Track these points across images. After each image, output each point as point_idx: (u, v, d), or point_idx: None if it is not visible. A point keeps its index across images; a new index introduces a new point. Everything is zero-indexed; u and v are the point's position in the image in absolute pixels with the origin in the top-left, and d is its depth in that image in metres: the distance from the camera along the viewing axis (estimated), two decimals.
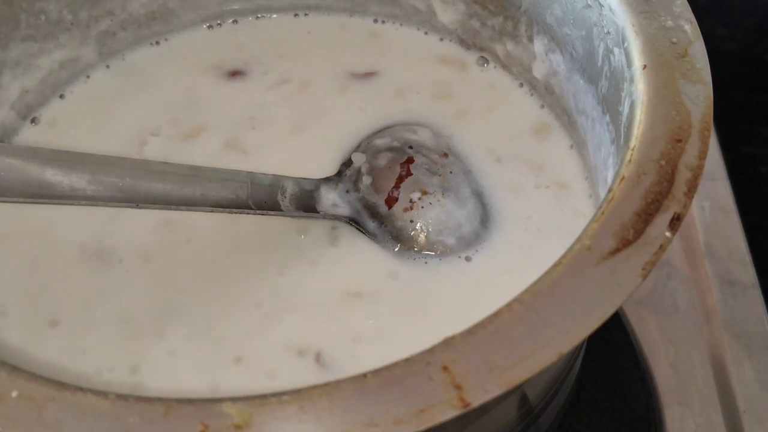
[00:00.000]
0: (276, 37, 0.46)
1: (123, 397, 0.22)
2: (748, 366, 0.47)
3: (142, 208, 0.31)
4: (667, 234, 0.25)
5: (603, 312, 0.23)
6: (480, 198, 0.37)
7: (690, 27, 0.31)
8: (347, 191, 0.37)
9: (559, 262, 0.25)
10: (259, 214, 0.33)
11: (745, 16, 0.73)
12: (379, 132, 0.40)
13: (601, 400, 0.44)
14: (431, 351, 0.23)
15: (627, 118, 0.30)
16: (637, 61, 0.30)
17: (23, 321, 0.34)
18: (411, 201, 0.36)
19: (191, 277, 0.35)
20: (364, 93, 0.42)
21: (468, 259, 0.35)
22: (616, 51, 0.32)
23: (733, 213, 0.54)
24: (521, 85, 0.42)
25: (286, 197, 0.34)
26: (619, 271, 0.24)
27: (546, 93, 0.41)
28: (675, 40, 0.30)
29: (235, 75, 0.43)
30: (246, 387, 0.31)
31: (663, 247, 0.25)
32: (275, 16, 0.47)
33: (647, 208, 0.26)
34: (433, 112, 0.41)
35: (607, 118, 0.33)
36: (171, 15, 0.45)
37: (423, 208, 0.36)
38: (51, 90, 0.42)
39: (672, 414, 0.45)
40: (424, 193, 0.36)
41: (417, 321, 0.33)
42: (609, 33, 0.33)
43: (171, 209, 0.31)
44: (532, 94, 0.42)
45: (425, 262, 0.35)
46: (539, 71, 0.40)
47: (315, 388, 0.22)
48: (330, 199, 0.36)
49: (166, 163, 0.32)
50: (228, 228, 0.36)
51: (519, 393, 0.31)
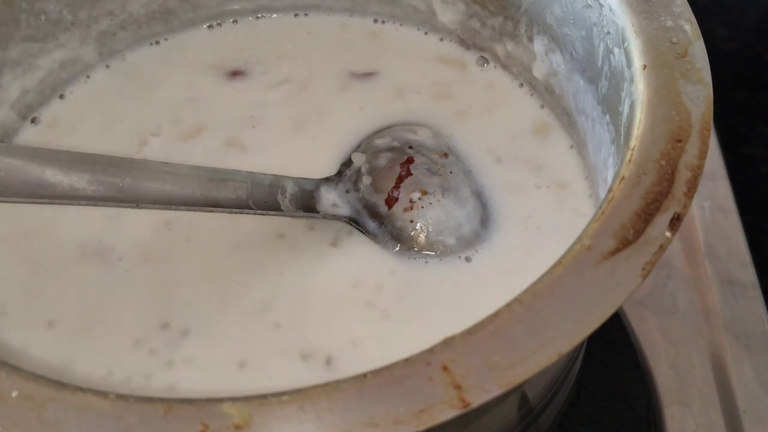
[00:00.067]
0: (276, 37, 0.46)
1: (123, 397, 0.22)
2: (748, 366, 0.47)
3: (142, 208, 0.31)
4: (667, 234, 0.25)
5: (603, 312, 0.23)
6: (480, 198, 0.37)
7: (690, 27, 0.31)
8: (347, 191, 0.37)
9: (559, 262, 0.25)
10: (259, 214, 0.33)
11: (745, 16, 0.73)
12: (379, 132, 0.40)
13: (601, 400, 0.44)
14: (431, 351, 0.23)
15: (627, 118, 0.30)
16: (637, 61, 0.30)
17: (23, 321, 0.34)
18: (411, 201, 0.36)
19: (191, 277, 0.35)
20: (364, 93, 0.42)
21: (468, 259, 0.35)
22: (616, 51, 0.32)
23: (733, 213, 0.54)
24: (521, 85, 0.42)
25: (286, 197, 0.34)
26: (619, 271, 0.24)
27: (546, 93, 0.41)
28: (675, 40, 0.30)
29: (235, 75, 0.43)
30: (246, 387, 0.31)
31: (663, 247, 0.25)
32: (275, 16, 0.47)
33: (647, 208, 0.26)
34: (433, 112, 0.41)
35: (607, 118, 0.33)
36: (171, 15, 0.45)
37: (423, 208, 0.36)
38: (51, 90, 0.42)
39: (672, 414, 0.45)
40: (424, 193, 0.36)
41: (417, 321, 0.33)
42: (609, 33, 0.33)
43: (171, 209, 0.31)
44: (532, 94, 0.42)
45: (425, 262, 0.35)
46: (539, 71, 0.40)
47: (315, 388, 0.22)
48: (330, 199, 0.36)
49: (166, 163, 0.32)
50: (228, 228, 0.36)
51: (519, 393, 0.31)
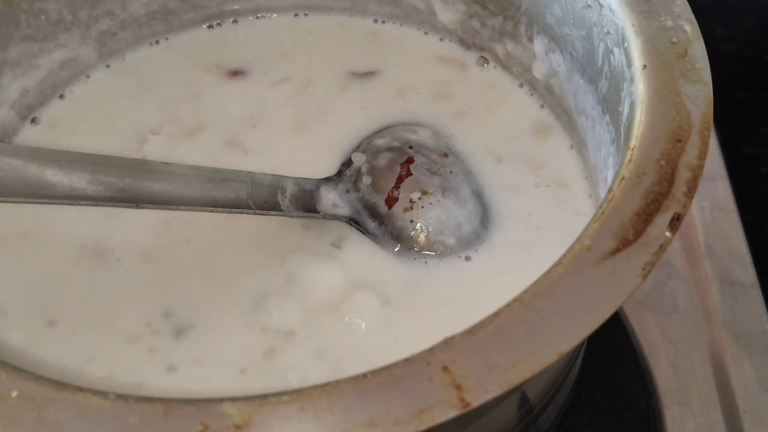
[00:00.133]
0: (276, 36, 0.46)
1: (123, 397, 0.22)
2: (748, 366, 0.47)
3: (142, 208, 0.31)
4: (667, 234, 0.25)
5: (603, 312, 0.23)
6: (480, 198, 0.37)
7: (690, 27, 0.31)
8: (347, 191, 0.37)
9: (559, 262, 0.25)
10: (259, 214, 0.33)
11: (745, 16, 0.73)
12: (379, 132, 0.40)
13: (601, 400, 0.44)
14: (431, 351, 0.23)
15: (627, 118, 0.30)
16: (637, 61, 0.30)
17: (23, 321, 0.34)
18: (411, 201, 0.36)
19: (191, 277, 0.35)
20: (364, 93, 0.42)
21: (468, 258, 0.35)
22: (616, 51, 0.32)
23: (733, 213, 0.54)
24: (521, 85, 0.42)
25: (286, 197, 0.34)
26: (619, 271, 0.24)
27: (546, 93, 0.41)
28: (675, 40, 0.30)
29: (236, 74, 0.43)
30: (246, 387, 0.31)
31: (663, 247, 0.25)
32: (275, 15, 0.47)
33: (647, 208, 0.26)
34: (433, 112, 0.41)
35: (607, 118, 0.33)
36: (171, 15, 0.45)
37: (423, 208, 0.36)
38: (51, 90, 0.42)
39: (672, 414, 0.45)
40: (424, 193, 0.36)
41: (417, 321, 0.33)
42: (609, 33, 0.33)
43: (171, 209, 0.31)
44: (532, 94, 0.42)
45: (425, 262, 0.35)
46: (539, 71, 0.40)
47: (315, 388, 0.22)
48: (330, 199, 0.36)
49: (166, 163, 0.32)
50: (227, 228, 0.36)
51: (519, 393, 0.31)
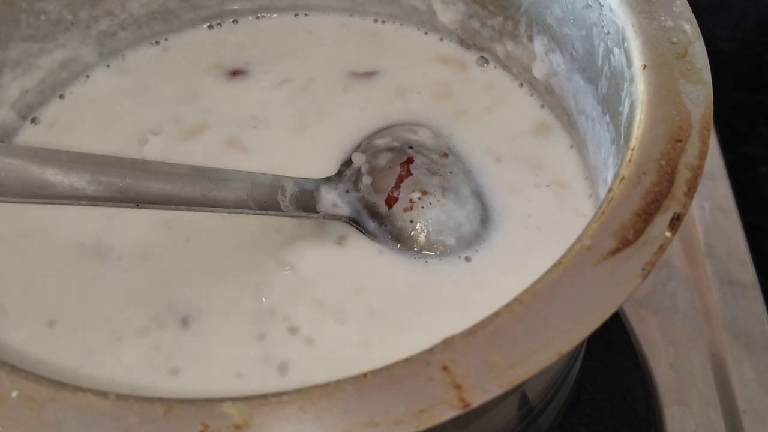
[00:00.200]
0: (276, 36, 0.46)
1: (123, 397, 0.22)
2: (748, 366, 0.47)
3: (142, 209, 0.31)
4: (667, 234, 0.25)
5: (603, 312, 0.23)
6: (480, 198, 0.37)
7: (690, 27, 0.31)
8: (347, 191, 0.37)
9: (559, 262, 0.25)
10: (259, 214, 0.33)
11: (745, 16, 0.73)
12: (379, 132, 0.40)
13: (601, 400, 0.44)
14: (431, 351, 0.23)
15: (627, 118, 0.30)
16: (637, 61, 0.30)
17: (23, 321, 0.34)
18: (411, 201, 0.36)
19: (190, 277, 0.35)
20: (364, 93, 0.42)
21: (468, 259, 0.35)
22: (616, 51, 0.32)
23: (733, 213, 0.54)
24: (521, 85, 0.42)
25: (286, 197, 0.34)
26: (619, 271, 0.24)
27: (546, 93, 0.41)
28: (675, 40, 0.30)
29: (236, 74, 0.43)
30: (246, 387, 0.31)
31: (663, 247, 0.25)
32: (275, 16, 0.47)
33: (647, 208, 0.26)
34: (433, 112, 0.41)
35: (607, 118, 0.33)
36: (171, 15, 0.45)
37: (423, 208, 0.36)
38: (51, 90, 0.42)
39: (672, 414, 0.45)
40: (424, 193, 0.36)
41: (417, 321, 0.33)
42: (609, 33, 0.33)
43: (171, 209, 0.31)
44: (532, 94, 0.42)
45: (425, 262, 0.35)
46: (539, 71, 0.40)
47: (315, 388, 0.22)
48: (330, 199, 0.36)
49: (166, 163, 0.32)
50: (227, 227, 0.36)
51: (519, 393, 0.31)
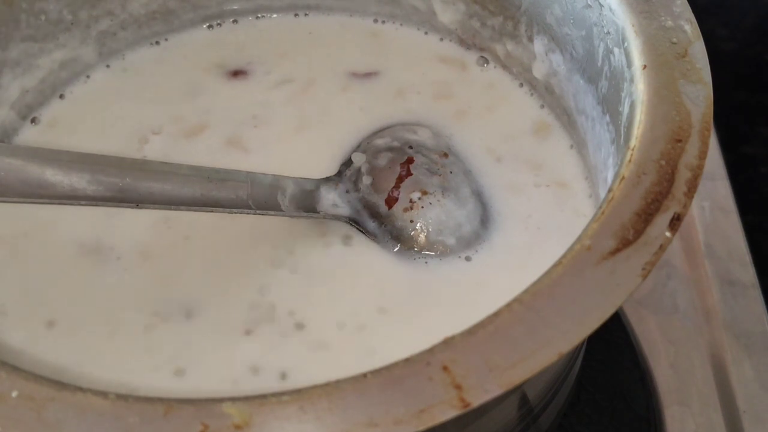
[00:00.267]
0: (276, 37, 0.46)
1: (123, 397, 0.22)
2: (748, 366, 0.47)
3: (142, 208, 0.31)
4: (667, 234, 0.25)
5: (603, 312, 0.23)
6: (480, 198, 0.37)
7: (690, 27, 0.31)
8: (347, 191, 0.37)
9: (559, 262, 0.25)
10: (259, 214, 0.33)
11: (745, 16, 0.73)
12: (379, 132, 0.40)
13: (601, 400, 0.44)
14: (431, 351, 0.23)
15: (627, 118, 0.30)
16: (637, 61, 0.30)
17: (23, 321, 0.34)
18: (411, 201, 0.36)
19: (190, 276, 0.35)
20: (364, 93, 0.42)
21: (468, 259, 0.35)
22: (616, 51, 0.32)
23: (733, 213, 0.54)
24: (521, 85, 0.42)
25: (286, 197, 0.34)
26: (619, 271, 0.24)
27: (546, 93, 0.41)
28: (675, 40, 0.30)
29: (237, 74, 0.43)
30: (247, 388, 0.31)
31: (663, 247, 0.25)
32: (275, 16, 0.47)
33: (647, 208, 0.26)
34: (433, 112, 0.41)
35: (607, 118, 0.33)
36: (171, 15, 0.45)
37: (423, 208, 0.36)
38: (51, 90, 0.42)
39: (672, 414, 0.45)
40: (424, 193, 0.36)
41: (417, 321, 0.33)
42: (609, 33, 0.33)
43: (171, 209, 0.31)
44: (532, 94, 0.42)
45: (425, 262, 0.35)
46: (539, 71, 0.40)
47: (315, 388, 0.22)
48: (330, 199, 0.36)
49: (166, 163, 0.32)
50: (227, 226, 0.36)
51: (519, 393, 0.31)
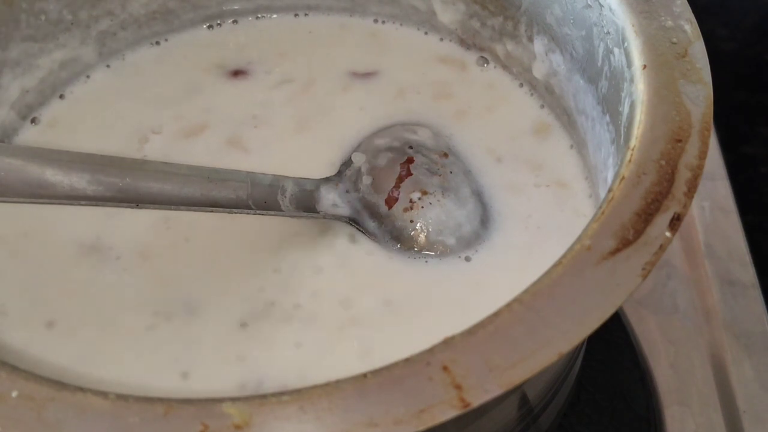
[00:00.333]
0: (276, 37, 0.46)
1: (123, 397, 0.22)
2: (748, 366, 0.47)
3: (142, 208, 0.31)
4: (667, 234, 0.25)
5: (603, 312, 0.23)
6: (480, 198, 0.37)
7: (690, 27, 0.31)
8: (347, 191, 0.37)
9: (559, 262, 0.25)
10: (259, 214, 0.33)
11: (745, 16, 0.73)
12: (379, 132, 0.40)
13: (601, 400, 0.44)
14: (431, 351, 0.23)
15: (627, 118, 0.30)
16: (637, 61, 0.30)
17: (23, 321, 0.34)
18: (411, 201, 0.36)
19: (189, 276, 0.35)
20: (364, 93, 0.42)
21: (468, 259, 0.35)
22: (616, 51, 0.32)
23: (733, 213, 0.54)
24: (521, 85, 0.42)
25: (286, 197, 0.34)
26: (619, 271, 0.24)
27: (546, 93, 0.41)
28: (675, 40, 0.30)
29: (237, 74, 0.43)
30: (245, 389, 0.31)
31: (663, 247, 0.25)
32: (275, 16, 0.47)
33: (647, 208, 0.26)
34: (433, 112, 0.41)
35: (607, 118, 0.33)
36: (171, 15, 0.45)
37: (423, 208, 0.36)
38: (51, 90, 0.42)
39: (672, 414, 0.45)
40: (424, 193, 0.36)
41: (417, 321, 0.33)
42: (609, 33, 0.33)
43: (171, 209, 0.31)
44: (532, 94, 0.42)
45: (425, 262, 0.35)
46: (539, 71, 0.40)
47: (315, 388, 0.22)
48: (330, 199, 0.36)
49: (166, 163, 0.32)
50: (227, 227, 0.36)
51: (519, 393, 0.31)
